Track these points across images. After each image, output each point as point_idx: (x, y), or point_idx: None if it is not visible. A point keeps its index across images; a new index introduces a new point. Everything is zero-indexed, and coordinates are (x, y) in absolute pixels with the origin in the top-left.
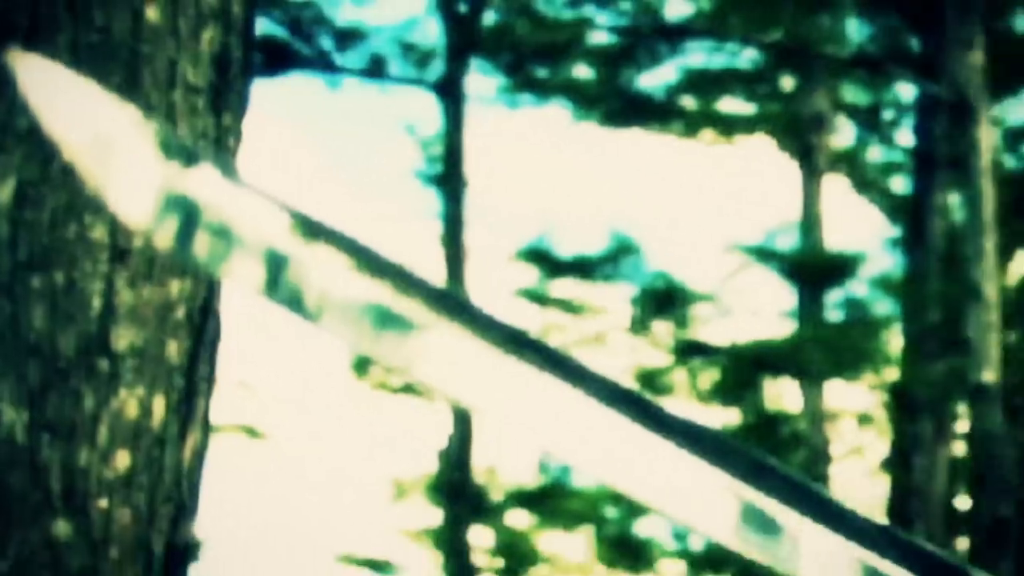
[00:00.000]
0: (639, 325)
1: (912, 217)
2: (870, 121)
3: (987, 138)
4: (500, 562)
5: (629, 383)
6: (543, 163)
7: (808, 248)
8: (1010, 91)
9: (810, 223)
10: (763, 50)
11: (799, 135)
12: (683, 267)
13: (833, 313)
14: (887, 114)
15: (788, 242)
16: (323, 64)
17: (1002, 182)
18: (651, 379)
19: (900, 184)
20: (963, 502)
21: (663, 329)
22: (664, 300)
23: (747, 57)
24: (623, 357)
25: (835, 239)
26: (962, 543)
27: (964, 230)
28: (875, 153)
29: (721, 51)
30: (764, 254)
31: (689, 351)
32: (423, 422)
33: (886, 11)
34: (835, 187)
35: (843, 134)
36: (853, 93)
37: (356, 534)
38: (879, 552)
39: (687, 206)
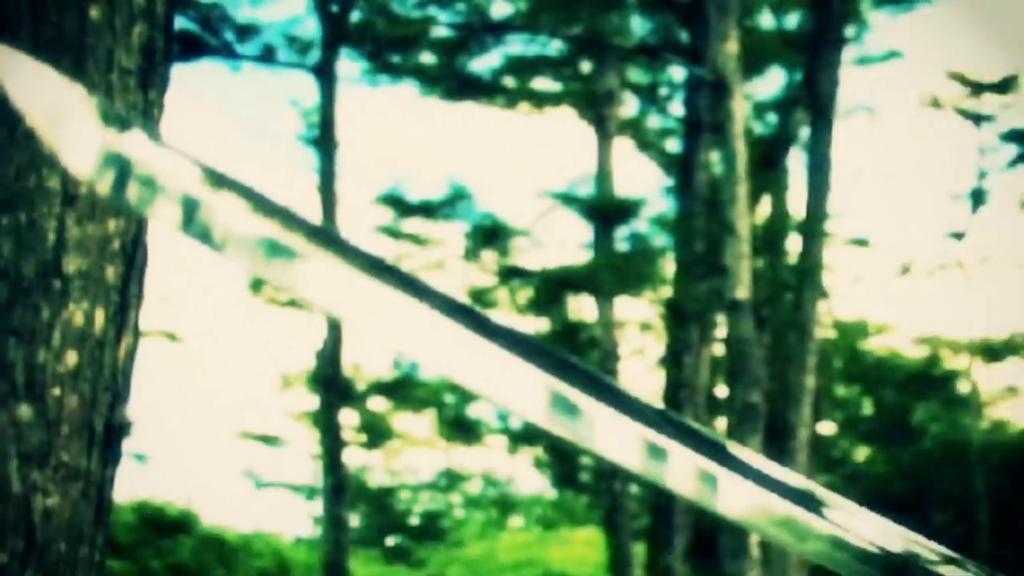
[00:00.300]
0: (471, 254)
1: (682, 170)
2: (650, 96)
3: (740, 109)
4: (364, 438)
5: (463, 299)
6: (397, 129)
7: (602, 195)
8: (758, 73)
9: (603, 175)
10: (567, 41)
11: (594, 107)
12: (505, 209)
13: (621, 244)
14: (663, 90)
15: (586, 190)
16: (227, 52)
17: (751, 143)
18: (480, 296)
19: (673, 145)
20: (721, 391)
21: (489, 257)
22: (490, 235)
23: (555, 46)
24: (458, 279)
25: (623, 188)
26: (721, 423)
27: (722, 180)
28: (654, 121)
29: (535, 41)
30: (568, 199)
31: (509, 274)
32: (304, 329)
33: (662, 10)
34: (623, 148)
35: (629, 106)
36: (637, 74)
37: (252, 416)
38: (657, 429)
39: (508, 162)
